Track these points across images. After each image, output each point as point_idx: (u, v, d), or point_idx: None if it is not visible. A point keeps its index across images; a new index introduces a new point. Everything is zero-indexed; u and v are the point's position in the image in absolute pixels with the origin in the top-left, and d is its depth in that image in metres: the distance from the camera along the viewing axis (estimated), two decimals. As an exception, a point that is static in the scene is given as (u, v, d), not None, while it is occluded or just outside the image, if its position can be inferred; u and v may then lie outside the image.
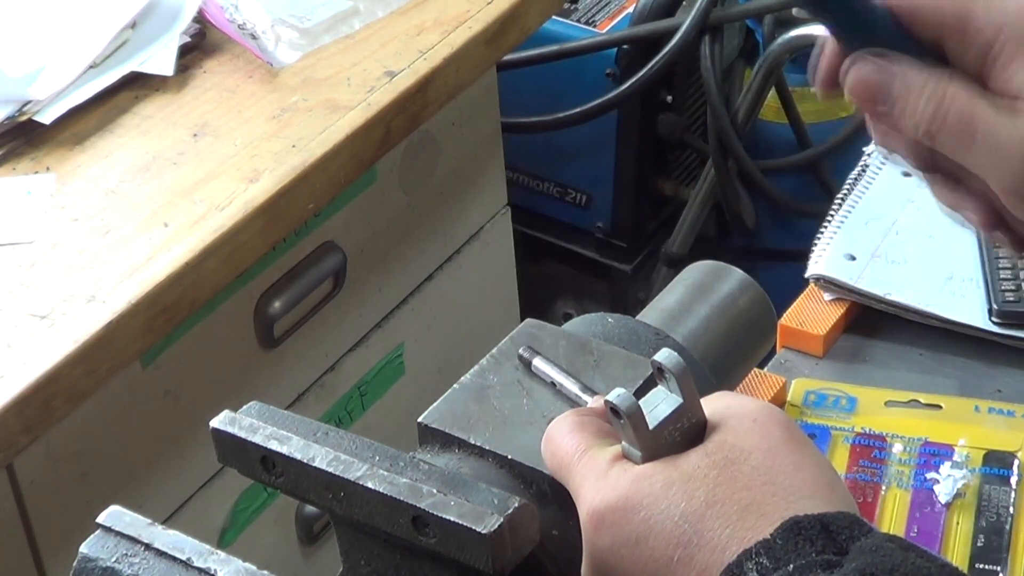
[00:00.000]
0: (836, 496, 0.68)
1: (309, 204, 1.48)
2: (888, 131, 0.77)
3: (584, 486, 0.71)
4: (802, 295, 1.30)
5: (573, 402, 0.80)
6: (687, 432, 0.71)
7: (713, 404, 0.72)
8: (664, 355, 0.71)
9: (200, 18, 1.62)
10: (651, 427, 0.70)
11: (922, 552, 0.64)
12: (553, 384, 0.81)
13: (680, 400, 0.71)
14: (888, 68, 0.74)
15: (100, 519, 0.75)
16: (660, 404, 0.71)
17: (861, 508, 1.11)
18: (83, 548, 0.74)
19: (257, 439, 0.75)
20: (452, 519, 0.69)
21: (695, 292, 0.97)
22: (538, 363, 0.82)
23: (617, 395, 0.70)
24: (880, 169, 1.39)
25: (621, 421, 0.70)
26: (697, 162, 2.45)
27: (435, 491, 0.70)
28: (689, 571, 0.67)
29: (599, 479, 0.70)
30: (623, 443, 0.72)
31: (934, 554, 0.65)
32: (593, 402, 0.78)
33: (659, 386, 0.72)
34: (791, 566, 0.64)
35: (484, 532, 0.68)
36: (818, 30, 0.81)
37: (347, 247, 1.64)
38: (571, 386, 0.80)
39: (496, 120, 1.84)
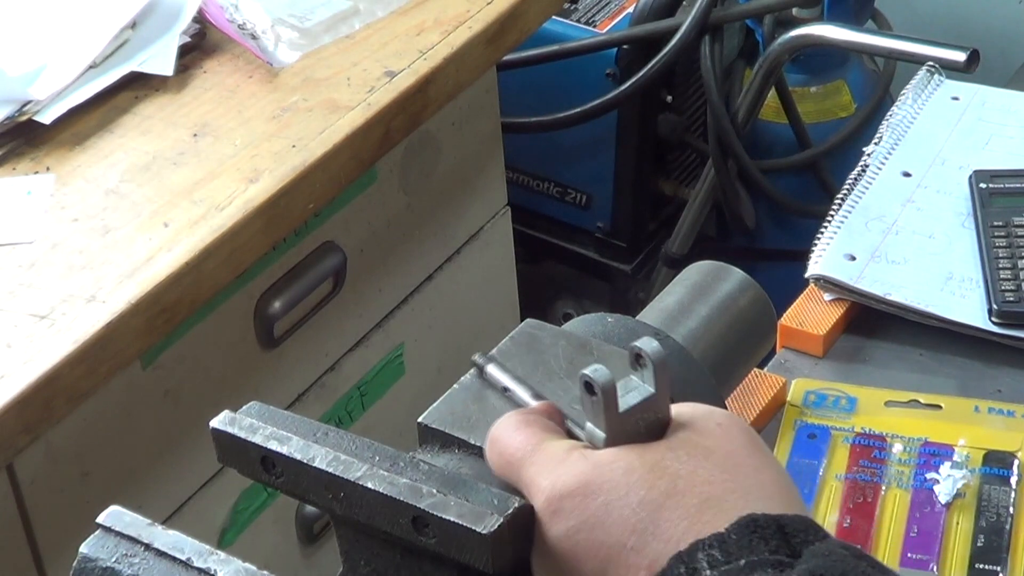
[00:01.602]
0: (795, 502, 0.69)
1: (309, 204, 1.48)
2: None
3: (541, 475, 0.70)
4: (802, 295, 1.30)
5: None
6: (651, 425, 0.71)
7: (679, 407, 0.72)
8: (645, 342, 0.71)
9: (200, 18, 1.62)
10: (620, 410, 0.70)
11: (874, 562, 0.64)
12: (505, 390, 0.80)
13: (652, 391, 0.71)
14: None
15: (100, 519, 0.75)
16: (632, 391, 0.71)
17: (861, 508, 1.11)
18: (83, 548, 0.74)
19: (257, 439, 0.75)
20: (452, 519, 0.69)
21: (695, 292, 0.97)
22: (491, 370, 0.81)
23: (594, 369, 0.70)
24: (880, 169, 1.39)
25: (593, 398, 0.70)
26: (697, 162, 2.45)
27: (435, 491, 0.70)
28: (641, 559, 0.66)
29: (557, 465, 0.69)
30: (587, 424, 0.71)
31: (886, 566, 0.65)
32: (538, 405, 0.77)
33: (633, 375, 0.72)
34: (742, 561, 0.63)
35: (484, 532, 0.68)
36: (818, 30, 0.80)
37: (347, 247, 1.64)
38: (522, 393, 0.79)
39: (496, 120, 1.84)
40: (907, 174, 1.39)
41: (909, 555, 1.08)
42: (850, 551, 0.64)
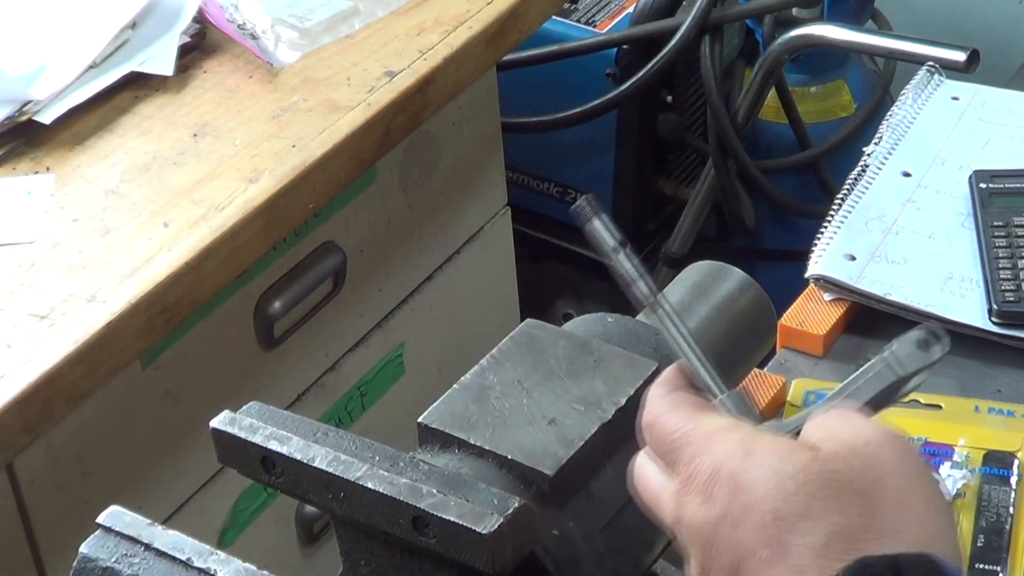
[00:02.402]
0: (939, 546, 0.65)
1: (309, 204, 1.48)
2: None
3: (701, 454, 0.69)
4: (802, 295, 1.30)
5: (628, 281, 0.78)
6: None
7: (827, 414, 0.70)
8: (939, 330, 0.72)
9: (200, 18, 1.62)
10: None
11: None
12: (616, 250, 0.78)
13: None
14: None
15: (100, 519, 0.75)
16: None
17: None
18: (83, 548, 0.74)
19: (257, 439, 0.75)
20: (452, 519, 0.69)
21: (695, 292, 0.97)
22: (598, 226, 0.78)
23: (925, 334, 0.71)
24: (880, 169, 1.39)
25: (924, 353, 0.71)
26: (697, 162, 2.45)
27: (435, 491, 0.70)
28: (769, 574, 0.65)
29: (716, 446, 0.69)
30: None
31: None
32: (670, 372, 0.75)
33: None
34: None
35: (484, 532, 0.68)
36: (818, 30, 0.81)
37: (347, 247, 1.64)
38: (629, 263, 0.78)
39: (496, 120, 1.84)
40: (907, 174, 1.39)
41: (909, 555, 1.08)
42: None
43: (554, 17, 2.04)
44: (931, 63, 1.54)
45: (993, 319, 1.24)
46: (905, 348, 0.72)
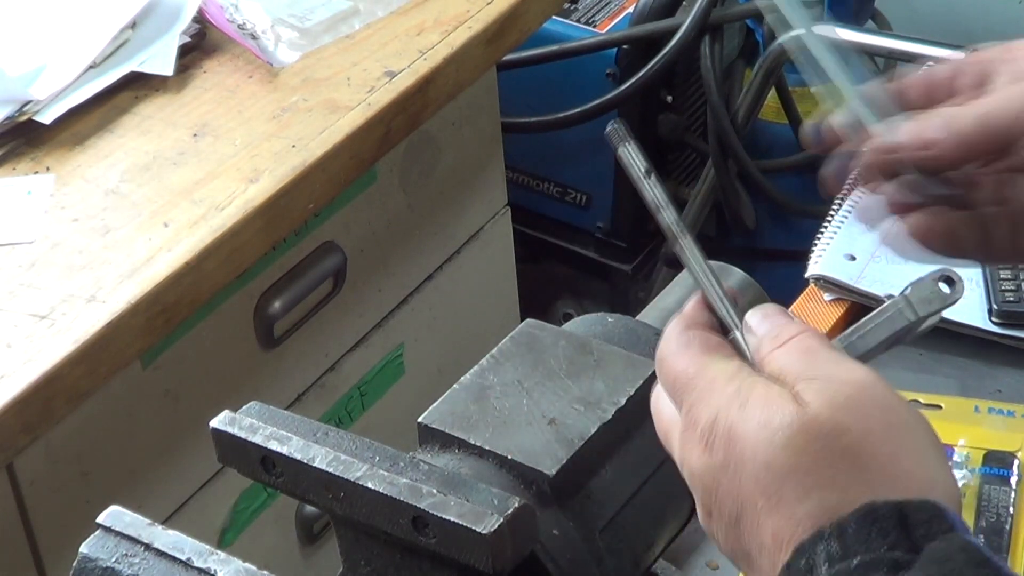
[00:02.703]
0: (935, 494, 0.65)
1: (309, 204, 1.48)
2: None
3: (700, 402, 0.70)
4: (802, 295, 1.30)
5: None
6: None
7: (817, 366, 0.70)
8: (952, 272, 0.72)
9: (200, 18, 1.62)
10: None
11: (998, 568, 0.62)
12: (647, 174, 0.79)
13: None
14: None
15: (100, 519, 0.75)
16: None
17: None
18: (83, 548, 0.74)
19: (257, 439, 0.75)
20: (452, 519, 0.69)
21: (695, 292, 0.97)
22: (626, 152, 0.80)
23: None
24: (880, 169, 1.39)
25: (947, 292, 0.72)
26: (697, 162, 2.45)
27: (435, 491, 0.70)
28: (766, 525, 0.66)
29: (716, 396, 0.70)
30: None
31: (1009, 572, 0.63)
32: (692, 308, 0.76)
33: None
34: (856, 559, 0.62)
35: (484, 532, 0.68)
36: (818, 29, 0.82)
37: (347, 247, 1.64)
38: (654, 190, 0.78)
39: (496, 120, 1.84)
40: (907, 174, 1.39)
41: (909, 555, 1.08)
42: (970, 555, 0.62)
43: (554, 17, 2.04)
44: (931, 63, 1.54)
45: (993, 319, 1.24)
46: (921, 291, 0.73)
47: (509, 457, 0.77)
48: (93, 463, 1.40)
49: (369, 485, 0.71)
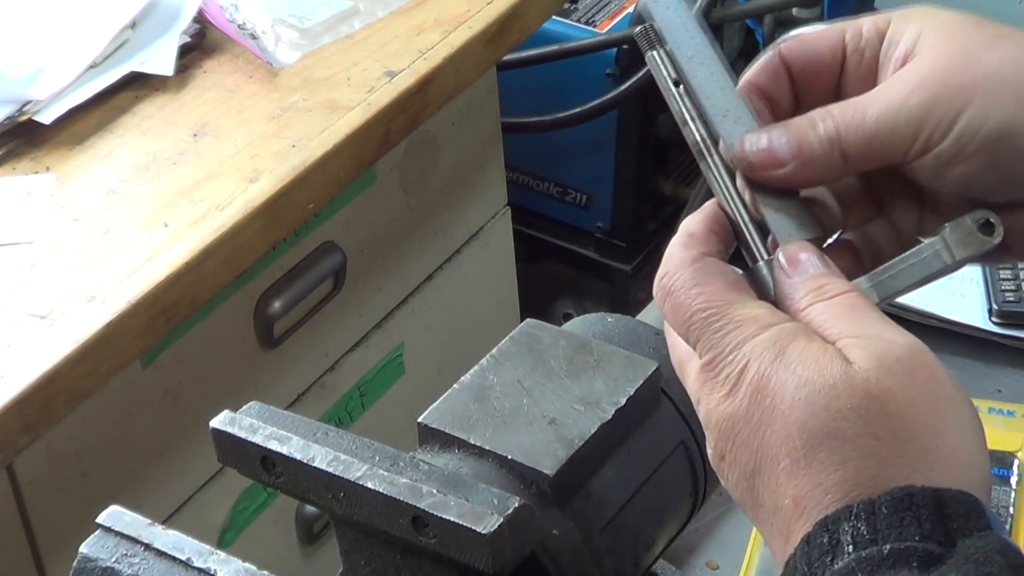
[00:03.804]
0: (971, 474, 0.62)
1: (309, 204, 1.48)
2: None
3: (729, 348, 0.65)
4: (802, 295, 1.30)
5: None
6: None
7: (864, 325, 0.64)
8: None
9: (200, 18, 1.62)
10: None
11: None
12: (676, 84, 0.74)
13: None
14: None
15: (100, 519, 0.75)
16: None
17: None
18: (83, 548, 0.74)
19: (257, 439, 0.75)
20: (452, 519, 0.69)
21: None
22: (661, 56, 0.74)
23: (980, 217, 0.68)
24: (880, 169, 1.39)
25: (985, 238, 0.68)
26: (697, 162, 2.45)
27: (435, 491, 0.70)
28: (788, 486, 0.62)
29: (744, 344, 0.65)
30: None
31: None
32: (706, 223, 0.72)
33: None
34: (887, 547, 0.58)
35: (484, 532, 0.68)
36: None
37: (347, 247, 1.64)
38: (682, 102, 0.74)
39: (496, 120, 1.84)
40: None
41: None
42: (1009, 559, 0.58)
43: (554, 17, 2.04)
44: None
45: (993, 319, 1.24)
46: (959, 233, 0.68)
47: (509, 457, 0.77)
48: (93, 463, 1.40)
49: (369, 485, 0.71)
